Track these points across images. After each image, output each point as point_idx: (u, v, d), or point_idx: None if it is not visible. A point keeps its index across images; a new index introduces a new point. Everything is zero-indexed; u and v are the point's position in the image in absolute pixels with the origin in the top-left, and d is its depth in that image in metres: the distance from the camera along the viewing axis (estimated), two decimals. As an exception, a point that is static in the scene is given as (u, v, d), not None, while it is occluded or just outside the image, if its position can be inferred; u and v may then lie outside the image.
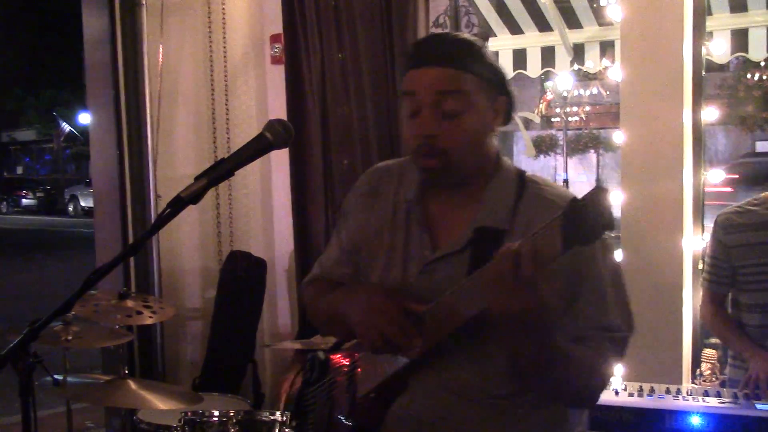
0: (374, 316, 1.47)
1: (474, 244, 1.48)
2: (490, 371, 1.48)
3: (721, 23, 4.54)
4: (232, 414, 2.49)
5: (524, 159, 19.58)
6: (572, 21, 5.15)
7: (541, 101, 17.43)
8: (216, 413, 2.50)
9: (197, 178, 1.45)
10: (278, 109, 3.97)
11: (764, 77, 13.41)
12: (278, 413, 2.53)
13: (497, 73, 1.53)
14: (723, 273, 2.64)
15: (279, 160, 3.99)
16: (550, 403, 1.52)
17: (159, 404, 2.55)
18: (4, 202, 27.54)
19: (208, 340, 3.96)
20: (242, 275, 3.93)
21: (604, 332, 1.45)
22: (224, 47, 4.15)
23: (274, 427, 2.48)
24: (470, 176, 1.54)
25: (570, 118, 18.84)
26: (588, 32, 5.16)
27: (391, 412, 1.52)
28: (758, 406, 2.29)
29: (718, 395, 2.40)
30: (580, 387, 1.48)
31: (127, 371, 2.65)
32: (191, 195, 1.43)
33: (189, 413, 2.51)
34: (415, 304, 1.48)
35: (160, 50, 4.07)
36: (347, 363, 1.66)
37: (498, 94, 1.53)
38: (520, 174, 1.57)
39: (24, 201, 27.31)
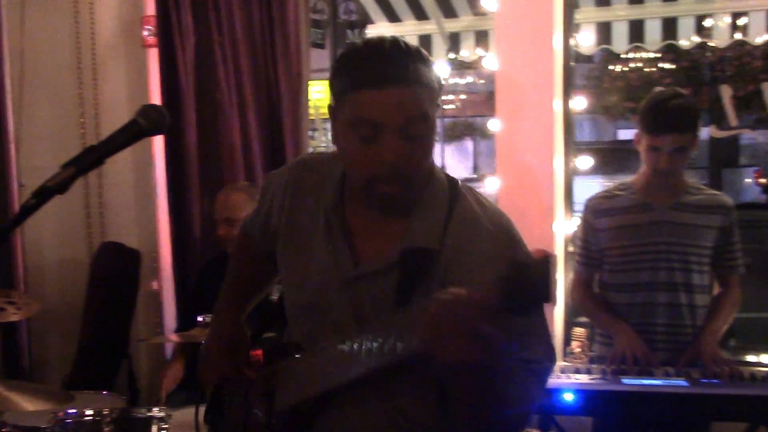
0: (211, 362, 1.66)
1: (402, 264, 1.38)
2: (411, 403, 1.42)
3: (587, 16, 4.75)
4: (106, 412, 2.39)
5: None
6: (448, 10, 5.25)
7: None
8: (89, 412, 2.39)
9: (64, 166, 1.37)
10: (152, 94, 3.83)
11: (626, 69, 14.15)
12: (155, 409, 2.45)
13: (440, 82, 1.39)
14: (592, 255, 2.77)
15: (154, 146, 3.86)
16: None
17: (26, 405, 2.41)
18: None
19: (79, 336, 3.80)
20: (114, 267, 3.78)
21: (526, 365, 1.34)
22: (92, 28, 3.96)
23: (150, 424, 2.41)
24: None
25: (446, 106, 19.26)
26: (463, 22, 5.28)
27: (316, 424, 1.45)
28: (624, 380, 2.43)
29: (588, 372, 2.52)
30: (509, 420, 1.37)
31: (-11, 372, 2.50)
32: (58, 184, 1.36)
33: (60, 413, 2.39)
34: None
35: (21, 30, 3.83)
36: (263, 361, 1.61)
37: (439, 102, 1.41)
38: (453, 185, 1.46)
39: None
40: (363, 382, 1.36)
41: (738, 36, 4.71)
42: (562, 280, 3.32)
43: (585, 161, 3.45)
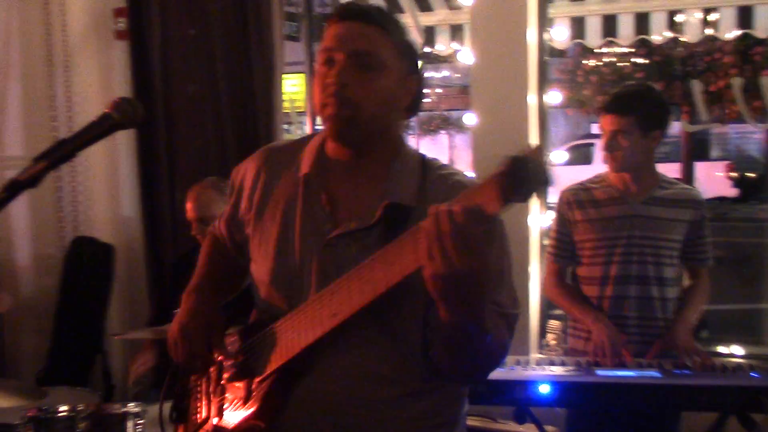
0: (182, 340, 1.61)
1: (385, 220, 1.45)
2: (394, 354, 1.46)
3: (561, 11, 4.77)
4: (80, 408, 2.37)
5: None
6: (423, 4, 5.25)
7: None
8: (63, 408, 2.36)
9: (36, 160, 1.36)
10: (123, 87, 3.80)
11: (599, 63, 14.25)
12: (130, 404, 2.43)
13: (413, 51, 1.54)
14: (566, 247, 2.78)
15: (125, 139, 3.82)
16: (451, 380, 1.50)
17: (-2, 402, 2.40)
18: None
19: (52, 331, 3.76)
20: (88, 262, 3.74)
21: (496, 307, 1.42)
22: (63, 20, 3.90)
23: (126, 419, 2.38)
24: (375, 145, 1.52)
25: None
26: (438, 15, 5.28)
27: (294, 393, 1.48)
28: (598, 372, 2.45)
29: (563, 364, 2.54)
30: (485, 362, 1.46)
31: (-40, 369, 2.47)
32: (29, 178, 1.34)
33: (33, 409, 2.36)
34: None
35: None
36: (235, 346, 1.61)
37: (411, 72, 1.53)
38: (422, 156, 1.59)
39: None
40: (342, 330, 1.41)
41: (709, 31, 4.76)
42: (537, 273, 3.34)
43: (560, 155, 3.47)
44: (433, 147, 19.95)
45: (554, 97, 3.46)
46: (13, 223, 3.85)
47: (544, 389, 2.37)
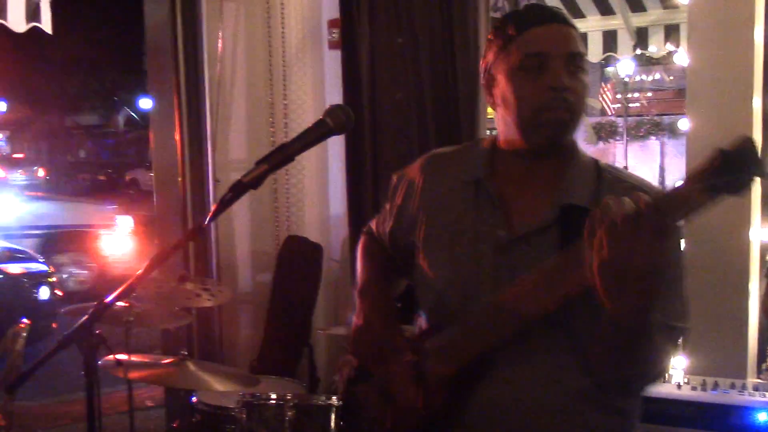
0: (373, 336, 1.62)
1: (562, 221, 1.43)
2: (572, 361, 1.43)
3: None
4: (288, 397, 2.50)
5: (583, 145, 19.28)
6: (635, 4, 5.03)
7: (605, 88, 17.01)
8: (273, 396, 2.51)
9: (258, 163, 1.45)
10: (335, 95, 3.97)
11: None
12: (334, 398, 2.53)
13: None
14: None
15: (334, 145, 3.99)
16: (606, 385, 1.45)
17: (217, 386, 2.59)
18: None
19: (265, 324, 4.00)
20: (298, 260, 3.95)
21: (662, 316, 1.36)
22: (282, 32, 4.16)
23: (330, 411, 2.49)
24: (559, 148, 1.52)
25: (631, 104, 18.46)
26: (652, 15, 5.04)
27: (470, 398, 1.47)
28: (830, 404, 2.21)
29: (787, 392, 2.32)
30: (644, 369, 1.42)
31: (186, 353, 2.69)
32: (252, 180, 1.44)
33: (247, 395, 2.53)
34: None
35: (220, 36, 4.10)
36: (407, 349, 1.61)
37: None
38: (596, 160, 1.57)
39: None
40: (522, 337, 1.40)
41: None
42: (757, 291, 3.08)
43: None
44: (642, 153, 19.03)
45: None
46: (234, 221, 4.16)
47: (763, 417, 2.18)
